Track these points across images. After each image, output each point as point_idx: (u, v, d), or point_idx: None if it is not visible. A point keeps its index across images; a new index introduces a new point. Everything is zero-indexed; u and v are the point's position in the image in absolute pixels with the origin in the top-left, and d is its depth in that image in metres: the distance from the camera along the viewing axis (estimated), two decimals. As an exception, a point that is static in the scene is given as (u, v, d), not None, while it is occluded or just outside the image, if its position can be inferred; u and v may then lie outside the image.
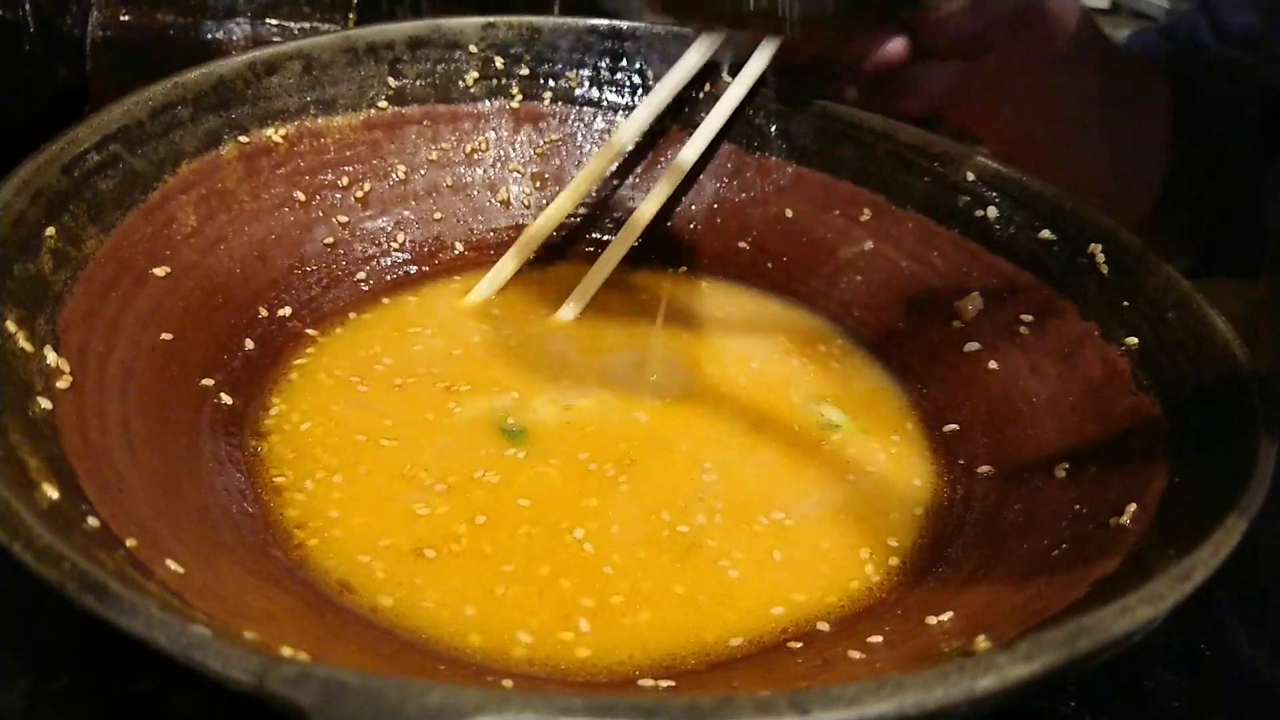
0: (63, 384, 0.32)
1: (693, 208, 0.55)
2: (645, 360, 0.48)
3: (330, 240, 0.49)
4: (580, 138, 0.56)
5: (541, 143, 0.55)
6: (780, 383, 0.46)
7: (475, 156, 0.54)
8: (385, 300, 0.49)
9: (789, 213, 0.53)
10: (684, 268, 0.54)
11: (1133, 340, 0.40)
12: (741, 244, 0.54)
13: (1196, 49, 0.62)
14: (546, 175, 0.55)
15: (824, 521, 0.39)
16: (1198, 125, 0.59)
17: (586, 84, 0.56)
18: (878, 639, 0.32)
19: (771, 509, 0.39)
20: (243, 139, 0.46)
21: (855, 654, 0.31)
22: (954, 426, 0.43)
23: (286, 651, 0.25)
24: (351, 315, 0.47)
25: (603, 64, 0.56)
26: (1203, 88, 0.59)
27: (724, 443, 0.42)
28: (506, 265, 0.50)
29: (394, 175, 0.52)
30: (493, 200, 0.54)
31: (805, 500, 0.40)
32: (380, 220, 0.51)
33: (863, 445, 0.43)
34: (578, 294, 0.50)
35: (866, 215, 0.51)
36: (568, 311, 0.49)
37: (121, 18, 0.58)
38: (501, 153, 0.55)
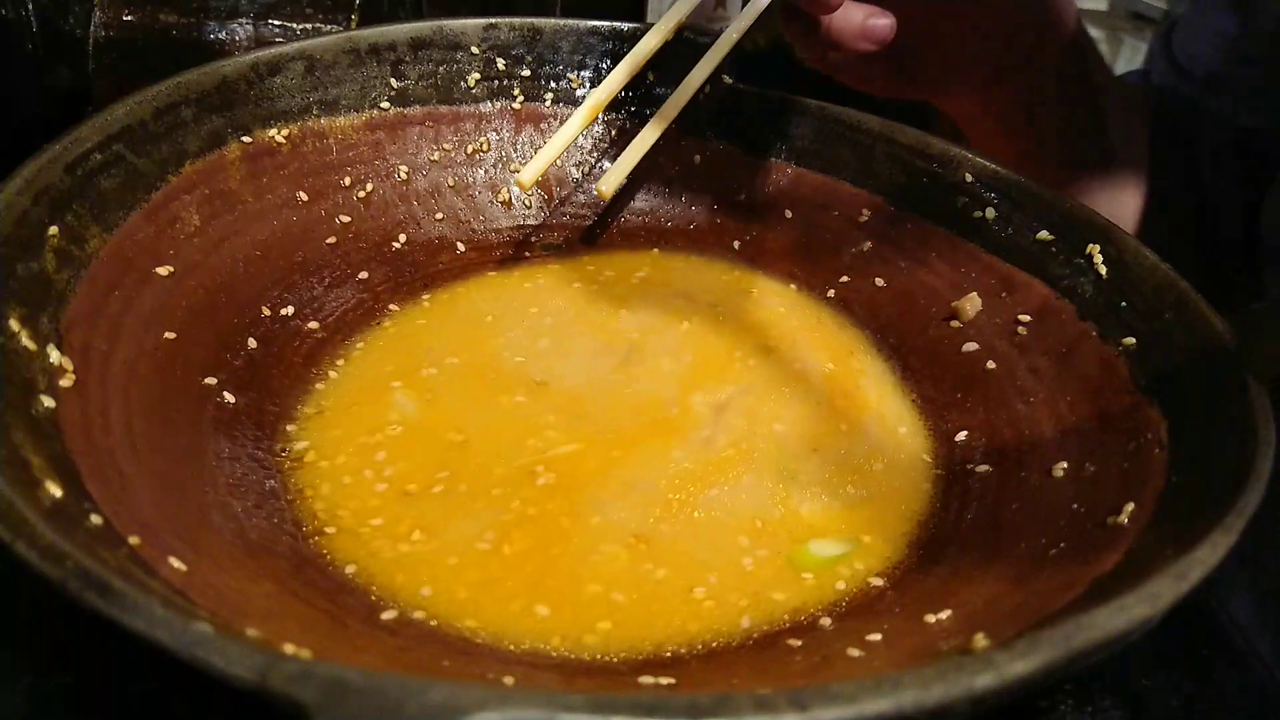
0: (65, 382, 0.33)
1: (692, 208, 0.55)
2: (630, 324, 0.48)
3: (333, 240, 0.49)
4: (581, 138, 0.56)
5: (543, 143, 0.55)
6: (774, 348, 0.47)
7: (477, 157, 0.54)
8: (393, 306, 0.49)
9: (789, 213, 0.54)
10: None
11: (1130, 340, 0.40)
12: (740, 244, 0.54)
13: (1166, 92, 0.62)
14: (548, 175, 0.55)
15: (819, 513, 0.39)
16: (1175, 166, 0.60)
17: (588, 85, 0.56)
18: (876, 637, 0.32)
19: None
20: (246, 139, 0.46)
21: (854, 652, 0.31)
22: (951, 426, 0.43)
23: (289, 649, 0.25)
24: (373, 323, 0.47)
25: (604, 65, 0.56)
26: (1179, 129, 0.60)
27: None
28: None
29: (396, 175, 0.52)
30: (494, 201, 0.54)
31: (800, 492, 0.40)
32: (383, 220, 0.51)
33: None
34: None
35: (866, 215, 0.51)
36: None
37: (124, 18, 0.58)
38: (503, 153, 0.55)
